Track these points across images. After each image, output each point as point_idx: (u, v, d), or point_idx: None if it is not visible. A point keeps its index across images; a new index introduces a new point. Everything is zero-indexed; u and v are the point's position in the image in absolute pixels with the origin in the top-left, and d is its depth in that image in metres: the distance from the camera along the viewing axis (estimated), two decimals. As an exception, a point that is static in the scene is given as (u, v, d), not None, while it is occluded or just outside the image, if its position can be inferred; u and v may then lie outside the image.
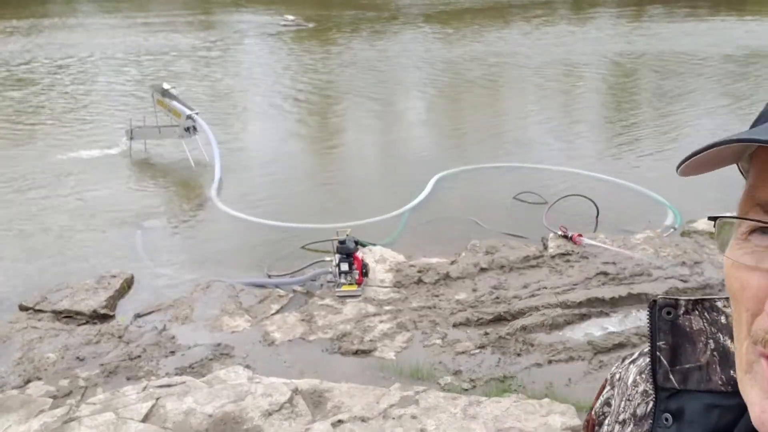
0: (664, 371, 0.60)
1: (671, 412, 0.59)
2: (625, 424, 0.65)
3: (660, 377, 0.60)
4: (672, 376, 0.60)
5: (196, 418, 3.45)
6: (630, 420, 0.64)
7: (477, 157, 8.59)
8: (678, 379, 0.60)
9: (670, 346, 0.61)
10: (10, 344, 4.48)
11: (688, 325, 0.61)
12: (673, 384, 0.60)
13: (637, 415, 0.64)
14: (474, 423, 3.33)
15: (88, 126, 10.41)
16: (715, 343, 0.59)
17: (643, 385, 0.65)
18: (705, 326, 0.60)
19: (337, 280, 5.12)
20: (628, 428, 0.64)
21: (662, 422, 0.59)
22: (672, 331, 0.61)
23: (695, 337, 0.60)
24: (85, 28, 21.56)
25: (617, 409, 0.67)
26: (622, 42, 17.26)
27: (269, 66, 15.29)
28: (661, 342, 0.61)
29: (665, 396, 0.60)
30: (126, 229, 6.59)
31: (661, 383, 0.60)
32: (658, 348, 0.61)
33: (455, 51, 16.30)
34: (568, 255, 5.45)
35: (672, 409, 0.59)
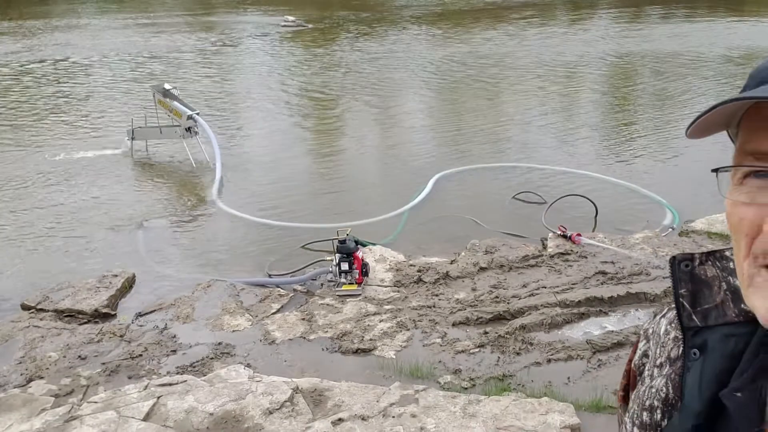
0: (687, 313, 0.71)
1: (697, 347, 0.70)
2: (662, 367, 0.76)
3: (685, 319, 0.71)
4: (694, 316, 0.71)
5: (197, 416, 3.47)
6: (666, 362, 0.76)
7: (476, 156, 8.61)
8: (699, 318, 0.71)
9: (690, 292, 0.72)
10: (12, 343, 4.50)
11: (703, 273, 0.73)
12: (696, 323, 0.71)
13: (671, 357, 0.75)
14: (473, 421, 3.35)
15: (90, 126, 10.44)
16: (727, 285, 0.71)
17: (673, 332, 0.77)
18: (717, 272, 0.72)
19: (337, 280, 5.15)
20: (665, 369, 0.75)
21: (691, 356, 0.70)
22: (691, 279, 0.73)
23: (710, 282, 0.72)
24: (86, 28, 21.59)
25: (654, 356, 0.78)
26: (621, 43, 17.28)
27: (269, 66, 15.31)
28: (683, 290, 0.72)
29: (691, 334, 0.71)
30: (127, 228, 6.62)
31: (686, 324, 0.71)
32: (680, 295, 0.72)
33: (455, 52, 16.32)
34: (567, 254, 5.48)
35: (697, 344, 0.70)
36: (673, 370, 0.73)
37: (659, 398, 0.73)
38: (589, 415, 3.52)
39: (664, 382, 0.73)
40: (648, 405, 0.74)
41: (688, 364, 0.70)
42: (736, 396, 0.63)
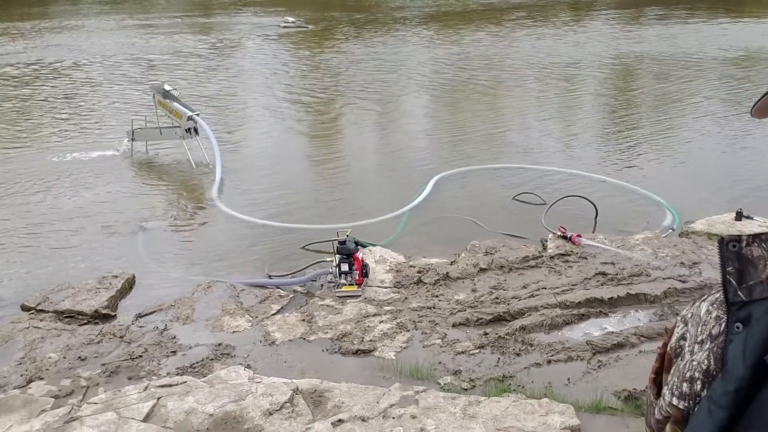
0: (733, 289, 0.77)
1: (741, 320, 0.75)
2: (703, 343, 0.80)
3: (731, 294, 0.77)
4: (740, 291, 0.77)
5: (197, 417, 3.47)
6: (707, 339, 0.80)
7: (476, 157, 8.62)
8: (745, 293, 0.76)
9: (737, 270, 0.77)
10: (12, 344, 4.50)
11: (750, 253, 0.78)
12: (741, 297, 0.76)
13: (712, 334, 0.80)
14: (473, 422, 3.35)
15: (90, 127, 10.44)
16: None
17: (715, 312, 0.82)
18: (763, 253, 0.78)
19: (337, 281, 5.15)
20: (706, 345, 0.80)
21: (734, 330, 0.75)
22: (738, 258, 0.78)
23: (756, 261, 0.78)
24: (86, 29, 21.59)
25: (695, 334, 0.83)
26: (620, 44, 17.29)
27: (270, 68, 15.31)
28: (730, 267, 0.78)
29: (735, 309, 0.76)
30: (127, 229, 6.62)
31: (731, 298, 0.77)
32: (728, 272, 0.77)
33: (455, 53, 16.33)
34: (567, 255, 5.48)
35: (741, 317, 0.75)
36: (715, 344, 0.78)
37: (700, 370, 0.77)
38: (589, 416, 3.52)
39: (705, 355, 0.78)
40: (689, 377, 0.78)
41: (730, 337, 0.75)
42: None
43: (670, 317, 4.55)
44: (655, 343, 4.25)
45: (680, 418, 0.79)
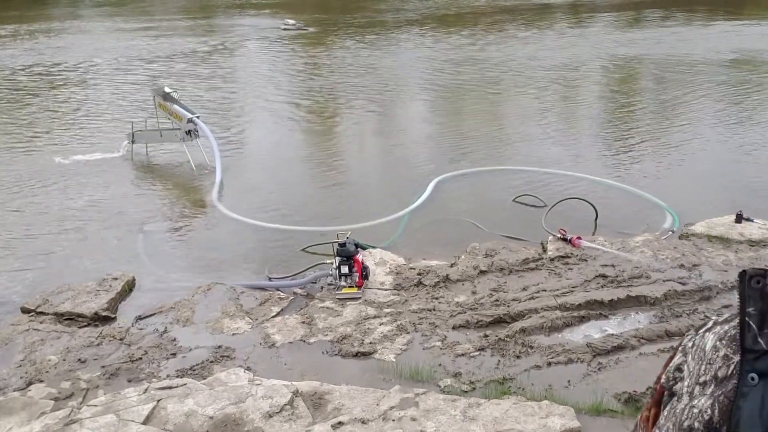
0: (752, 335, 0.65)
1: (758, 372, 0.63)
2: (706, 385, 0.69)
3: (749, 340, 0.65)
4: (761, 338, 0.65)
5: (197, 420, 3.47)
6: (712, 381, 0.69)
7: (476, 160, 8.62)
8: (766, 341, 0.64)
9: (759, 312, 0.65)
10: (12, 346, 4.50)
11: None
12: (761, 346, 0.64)
13: (718, 377, 0.68)
14: (473, 425, 3.35)
15: (90, 129, 10.45)
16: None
17: (724, 350, 0.69)
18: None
19: (337, 283, 5.15)
20: (709, 389, 0.68)
21: (748, 381, 0.64)
22: (761, 298, 0.66)
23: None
24: (86, 32, 21.62)
25: (696, 372, 0.71)
26: (620, 46, 17.30)
27: (270, 70, 15.33)
28: (751, 308, 0.66)
29: (752, 357, 0.64)
30: (127, 231, 6.62)
31: (749, 346, 0.65)
32: (748, 314, 0.66)
33: (455, 55, 16.34)
34: (567, 258, 5.48)
35: (759, 369, 0.64)
36: (722, 393, 0.67)
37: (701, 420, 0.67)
38: (590, 419, 3.52)
39: (710, 404, 0.67)
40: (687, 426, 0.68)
41: (743, 389, 0.64)
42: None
43: (671, 319, 4.55)
44: (656, 346, 4.25)
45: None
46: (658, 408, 0.77)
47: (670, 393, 0.75)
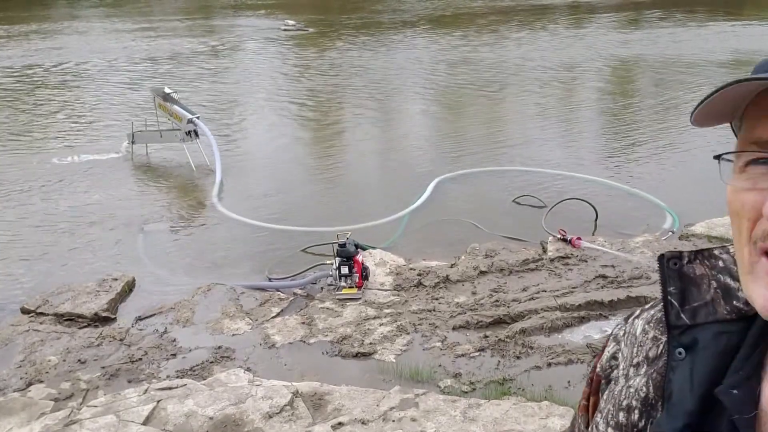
0: (675, 311, 0.70)
1: (684, 346, 0.69)
2: (639, 366, 0.74)
3: (672, 317, 0.70)
4: (683, 314, 0.70)
5: (196, 420, 3.47)
6: (644, 362, 0.74)
7: (477, 160, 8.62)
8: (688, 317, 0.70)
9: (679, 290, 0.71)
10: (12, 347, 4.50)
11: (692, 271, 0.72)
12: (684, 321, 0.70)
13: (649, 357, 0.74)
14: (473, 425, 3.35)
15: (90, 130, 10.45)
16: (717, 282, 0.71)
17: (652, 332, 0.75)
18: (706, 271, 0.72)
19: (337, 283, 5.15)
20: (642, 369, 0.74)
21: (676, 356, 0.69)
22: (679, 277, 0.72)
23: (699, 280, 0.71)
24: (86, 32, 21.62)
25: (630, 356, 0.76)
26: (620, 47, 17.31)
27: (270, 70, 15.33)
28: (671, 288, 0.71)
29: (677, 333, 0.70)
30: (127, 232, 6.62)
31: (673, 322, 0.70)
32: (669, 293, 0.71)
33: (455, 55, 16.35)
34: (567, 258, 5.48)
35: (685, 343, 0.69)
36: (654, 370, 0.71)
37: (638, 398, 0.71)
38: (590, 419, 3.51)
39: (644, 382, 0.72)
40: (625, 405, 0.72)
41: (672, 363, 0.69)
42: (733, 393, 0.63)
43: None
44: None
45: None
46: (596, 396, 0.80)
47: (606, 380, 0.79)
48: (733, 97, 0.61)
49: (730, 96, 0.61)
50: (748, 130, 0.62)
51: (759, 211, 0.58)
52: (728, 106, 0.63)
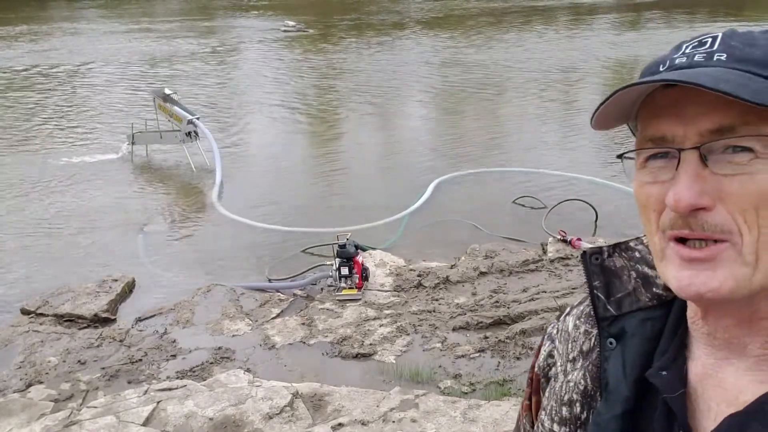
0: (602, 304, 0.74)
1: (614, 336, 0.72)
2: (575, 361, 0.77)
3: (600, 310, 0.73)
4: (609, 306, 0.73)
5: (196, 421, 3.47)
6: (579, 356, 0.77)
7: (476, 161, 8.62)
8: (614, 307, 0.73)
9: (603, 283, 0.75)
10: (12, 348, 4.50)
11: (613, 265, 0.76)
12: (611, 312, 0.73)
13: (583, 350, 0.77)
14: (474, 426, 3.35)
15: (90, 131, 10.45)
16: (636, 273, 0.74)
17: (583, 326, 0.78)
18: (625, 263, 0.75)
19: (337, 284, 5.15)
20: (578, 363, 0.76)
21: (608, 346, 0.72)
22: (602, 271, 0.75)
23: (620, 272, 0.75)
24: (87, 33, 21.64)
25: (565, 352, 0.79)
26: (620, 48, 17.32)
27: (270, 71, 15.33)
28: (596, 282, 0.75)
29: (606, 324, 0.73)
30: (127, 233, 6.62)
31: (601, 314, 0.73)
32: (594, 287, 0.75)
33: (455, 56, 16.35)
34: (567, 259, 5.48)
35: (613, 333, 0.72)
36: (589, 362, 0.74)
37: (578, 391, 0.73)
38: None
39: (581, 375, 0.74)
40: (567, 399, 0.74)
41: (605, 353, 0.72)
42: (663, 374, 0.66)
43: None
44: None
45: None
46: (538, 396, 0.83)
47: (546, 378, 0.82)
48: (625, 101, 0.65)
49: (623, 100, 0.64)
50: (642, 129, 0.66)
51: (663, 203, 0.62)
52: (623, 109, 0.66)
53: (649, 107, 0.65)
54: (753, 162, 0.58)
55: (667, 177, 0.62)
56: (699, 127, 0.60)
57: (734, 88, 0.56)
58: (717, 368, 0.65)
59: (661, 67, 0.64)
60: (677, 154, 0.61)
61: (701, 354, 0.67)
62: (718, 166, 0.59)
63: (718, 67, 0.60)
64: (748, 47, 0.61)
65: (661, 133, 0.63)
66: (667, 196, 0.61)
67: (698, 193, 0.59)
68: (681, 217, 0.60)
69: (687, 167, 0.60)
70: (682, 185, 0.60)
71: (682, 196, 0.59)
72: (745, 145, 0.58)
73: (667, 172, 0.62)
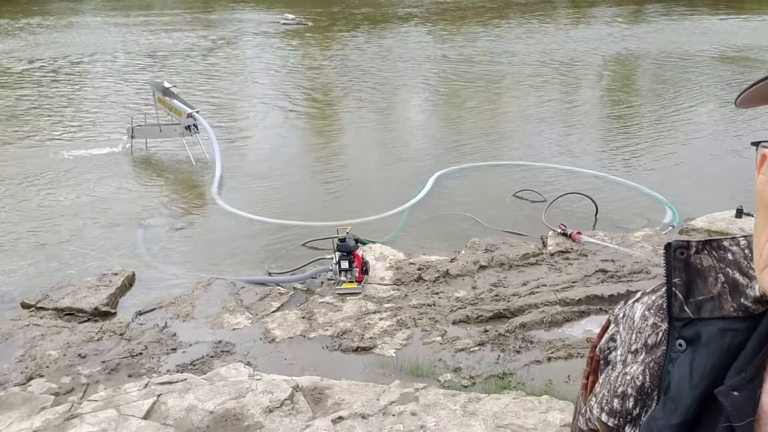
0: (679, 303, 0.68)
1: (685, 338, 0.66)
2: (637, 353, 0.73)
3: (675, 309, 0.68)
4: (687, 307, 0.67)
5: (197, 414, 3.47)
6: (642, 349, 0.72)
7: (476, 155, 8.61)
8: (692, 310, 0.67)
9: (684, 281, 0.68)
10: (12, 342, 4.51)
11: (699, 263, 0.69)
12: (688, 314, 0.67)
13: (648, 344, 0.72)
14: (473, 420, 3.35)
15: (90, 124, 10.43)
16: (725, 277, 0.67)
17: (652, 318, 0.73)
18: (714, 263, 0.68)
19: (337, 278, 5.15)
20: (640, 356, 0.72)
21: (676, 347, 0.67)
22: (685, 268, 0.69)
23: (706, 272, 0.68)
24: (86, 26, 21.57)
25: (628, 341, 0.74)
26: (620, 41, 17.26)
27: (270, 64, 15.30)
28: (676, 279, 0.69)
29: (680, 325, 0.67)
30: (127, 227, 6.62)
31: (676, 314, 0.68)
32: (674, 284, 0.69)
33: (455, 50, 16.31)
34: (567, 253, 5.48)
35: (686, 336, 0.66)
36: (652, 359, 0.70)
37: (634, 386, 0.70)
38: (589, 414, 3.51)
39: (641, 370, 0.70)
40: (621, 392, 0.71)
41: (672, 354, 0.67)
42: (734, 395, 0.60)
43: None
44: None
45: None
46: (596, 376, 0.79)
47: (605, 361, 0.78)
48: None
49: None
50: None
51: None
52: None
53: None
54: None
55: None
56: None
57: None
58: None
59: None
60: None
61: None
62: None
63: None
64: None
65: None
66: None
67: None
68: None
69: None
70: None
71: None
72: None
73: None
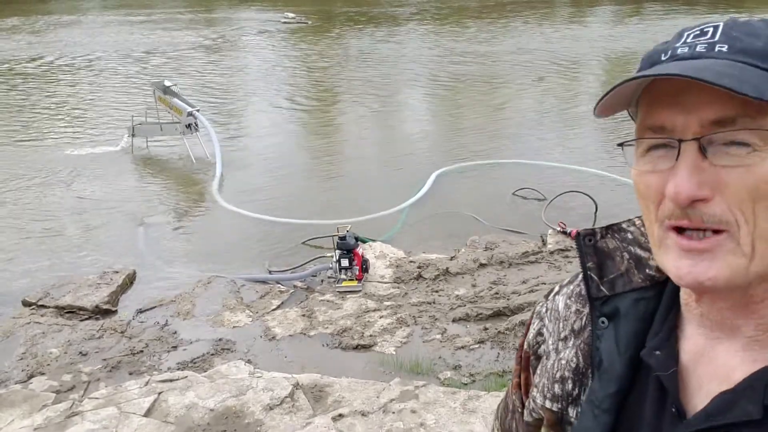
0: (595, 284, 0.75)
1: (606, 315, 0.73)
2: (567, 339, 0.78)
3: (593, 290, 0.75)
4: (602, 286, 0.74)
5: (197, 412, 3.48)
6: (571, 335, 0.78)
7: (476, 153, 8.61)
8: (607, 288, 0.74)
9: (596, 264, 0.76)
10: (13, 339, 4.52)
11: (605, 246, 0.77)
12: (604, 292, 0.74)
13: (575, 329, 0.78)
14: (473, 417, 3.36)
15: (90, 123, 10.44)
16: (629, 254, 0.75)
17: (574, 306, 0.80)
18: (618, 244, 0.77)
19: (337, 276, 5.16)
20: (570, 341, 0.78)
21: (600, 325, 0.73)
22: (595, 252, 0.76)
23: (613, 253, 0.76)
24: (87, 25, 21.57)
25: (556, 330, 0.80)
26: (620, 39, 17.26)
27: (270, 63, 15.30)
28: (589, 263, 0.76)
29: (599, 304, 0.74)
30: (128, 225, 6.63)
31: (594, 294, 0.74)
32: (588, 268, 0.76)
33: (456, 48, 16.30)
34: (566, 251, 5.49)
35: (606, 312, 0.73)
36: (581, 341, 0.76)
37: (569, 369, 0.75)
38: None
39: (573, 353, 0.76)
40: (559, 377, 0.76)
41: (597, 332, 0.73)
42: (656, 354, 0.68)
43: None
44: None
45: (554, 420, 0.76)
46: (527, 372, 0.85)
47: (535, 356, 0.83)
48: (627, 90, 0.65)
49: (625, 89, 0.65)
50: (643, 117, 0.66)
51: (662, 193, 0.63)
52: (625, 97, 0.67)
53: (649, 95, 0.65)
54: (751, 155, 0.59)
55: (666, 166, 0.63)
56: (700, 116, 0.60)
57: (736, 84, 0.56)
58: (709, 348, 0.67)
59: (663, 56, 0.65)
60: (677, 145, 0.61)
61: (693, 334, 0.68)
62: (716, 158, 0.60)
63: (720, 60, 0.60)
64: (749, 38, 0.61)
65: (660, 123, 0.64)
66: (667, 188, 0.62)
67: (697, 185, 0.60)
68: (680, 208, 0.61)
69: (686, 158, 0.61)
70: (682, 177, 0.60)
71: (681, 188, 0.60)
72: (744, 140, 0.59)
73: (666, 162, 0.63)
